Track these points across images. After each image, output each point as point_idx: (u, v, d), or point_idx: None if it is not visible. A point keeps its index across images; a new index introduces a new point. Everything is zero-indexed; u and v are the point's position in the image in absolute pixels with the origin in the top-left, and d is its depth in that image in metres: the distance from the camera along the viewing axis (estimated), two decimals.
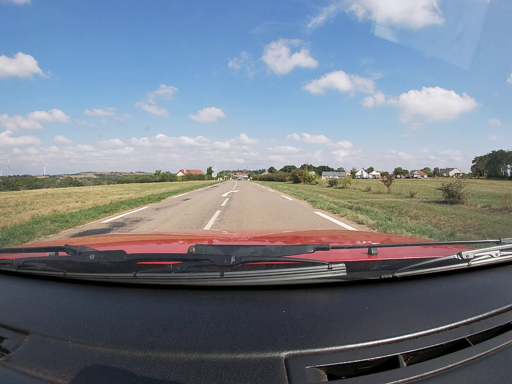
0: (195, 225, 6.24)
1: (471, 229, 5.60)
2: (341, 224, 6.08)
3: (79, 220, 6.95)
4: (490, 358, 0.50)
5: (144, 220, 7.17)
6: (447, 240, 4.22)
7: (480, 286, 0.73)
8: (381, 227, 5.62)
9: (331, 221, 6.58)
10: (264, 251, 0.68)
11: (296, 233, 1.81)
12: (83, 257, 0.70)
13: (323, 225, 6.13)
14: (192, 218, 7.13)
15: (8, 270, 0.80)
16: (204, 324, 0.56)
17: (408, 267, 0.70)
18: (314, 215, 7.48)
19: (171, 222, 6.73)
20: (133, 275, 0.67)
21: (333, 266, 0.64)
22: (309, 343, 0.50)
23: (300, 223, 6.30)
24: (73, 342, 0.53)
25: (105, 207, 9.43)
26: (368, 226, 5.90)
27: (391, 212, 8.02)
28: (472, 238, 4.63)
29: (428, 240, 4.01)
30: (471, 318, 0.58)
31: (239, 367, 0.46)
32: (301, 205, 10.11)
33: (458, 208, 8.80)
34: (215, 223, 6.31)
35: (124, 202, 11.20)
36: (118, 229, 6.07)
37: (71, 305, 0.66)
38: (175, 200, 13.00)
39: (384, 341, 0.51)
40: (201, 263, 0.66)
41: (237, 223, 6.35)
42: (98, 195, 16.32)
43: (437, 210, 8.39)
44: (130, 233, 4.97)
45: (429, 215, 7.34)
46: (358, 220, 6.42)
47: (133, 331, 0.55)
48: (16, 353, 0.52)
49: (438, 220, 6.66)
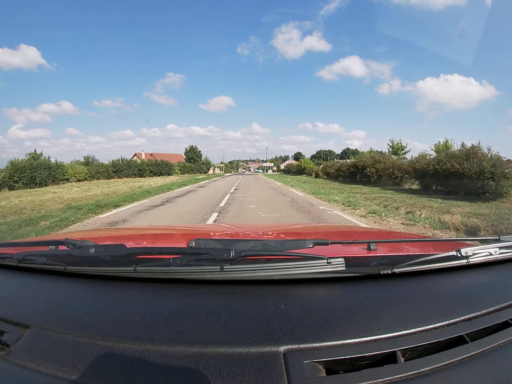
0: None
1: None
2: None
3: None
4: (487, 356, 0.50)
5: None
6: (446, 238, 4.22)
7: (478, 283, 0.73)
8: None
9: None
10: (263, 245, 0.68)
11: (296, 228, 1.81)
12: (83, 251, 0.70)
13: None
14: None
15: (8, 264, 0.81)
16: (203, 318, 0.56)
17: (407, 263, 0.70)
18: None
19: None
20: (133, 269, 0.67)
21: (332, 261, 0.65)
22: (308, 337, 0.51)
23: None
24: (73, 336, 0.53)
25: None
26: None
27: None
28: (471, 236, 4.64)
29: (427, 236, 4.02)
30: (469, 315, 0.58)
31: (237, 361, 0.47)
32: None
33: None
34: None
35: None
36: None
37: (71, 299, 0.67)
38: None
39: (382, 336, 0.52)
40: (201, 257, 0.66)
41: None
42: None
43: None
44: (130, 226, 4.98)
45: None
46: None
47: (133, 324, 0.55)
48: (16, 347, 0.52)
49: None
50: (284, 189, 14.66)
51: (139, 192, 12.90)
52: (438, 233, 5.13)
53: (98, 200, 9.69)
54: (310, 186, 15.96)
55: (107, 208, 7.98)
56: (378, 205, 8.11)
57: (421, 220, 5.82)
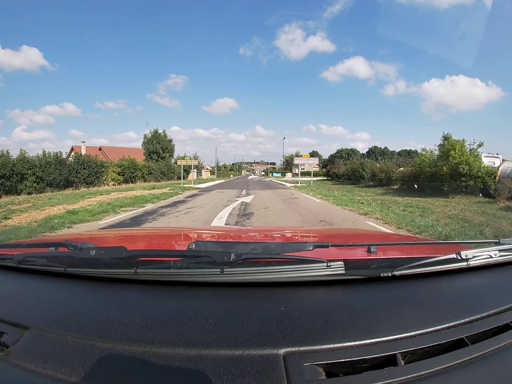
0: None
1: None
2: None
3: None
4: (487, 358, 0.50)
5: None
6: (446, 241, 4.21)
7: (478, 286, 0.73)
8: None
9: None
10: (264, 248, 0.68)
11: (296, 231, 1.81)
12: (83, 253, 0.70)
13: None
14: None
15: (9, 265, 0.81)
16: (203, 320, 0.56)
17: (407, 265, 0.70)
18: None
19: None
20: (134, 271, 0.67)
21: (331, 264, 0.65)
22: (308, 340, 0.51)
23: None
24: (72, 337, 0.53)
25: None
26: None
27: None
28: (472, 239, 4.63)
29: (427, 239, 4.01)
30: (470, 318, 0.58)
31: (237, 363, 0.46)
32: None
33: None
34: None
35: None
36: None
37: (71, 300, 0.67)
38: None
39: (382, 339, 0.51)
40: (201, 260, 0.66)
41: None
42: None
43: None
44: (131, 228, 4.98)
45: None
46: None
47: (132, 326, 0.55)
48: (15, 348, 0.52)
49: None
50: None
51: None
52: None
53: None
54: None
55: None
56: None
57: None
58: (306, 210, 8.24)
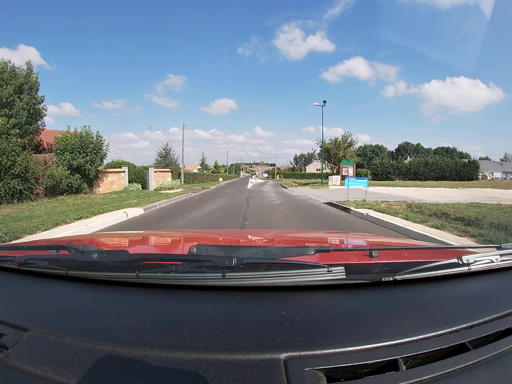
0: None
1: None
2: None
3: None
4: (490, 363, 0.49)
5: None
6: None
7: (480, 290, 0.73)
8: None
9: None
10: (265, 252, 0.68)
11: (298, 235, 1.81)
12: (85, 256, 0.70)
13: None
14: None
15: (10, 267, 0.81)
16: (204, 324, 0.56)
17: (409, 270, 0.69)
18: None
19: None
20: (136, 274, 0.67)
21: (332, 269, 0.65)
22: (308, 345, 0.50)
23: None
24: (72, 340, 0.53)
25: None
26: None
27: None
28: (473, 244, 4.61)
29: (429, 243, 3.98)
30: (472, 323, 0.57)
31: (238, 367, 0.46)
32: None
33: None
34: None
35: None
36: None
37: (71, 303, 0.67)
38: None
39: (384, 344, 0.51)
40: (202, 264, 0.66)
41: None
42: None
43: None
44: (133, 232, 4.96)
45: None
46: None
47: (133, 330, 0.55)
48: (15, 350, 0.52)
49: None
50: None
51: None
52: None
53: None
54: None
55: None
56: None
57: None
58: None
